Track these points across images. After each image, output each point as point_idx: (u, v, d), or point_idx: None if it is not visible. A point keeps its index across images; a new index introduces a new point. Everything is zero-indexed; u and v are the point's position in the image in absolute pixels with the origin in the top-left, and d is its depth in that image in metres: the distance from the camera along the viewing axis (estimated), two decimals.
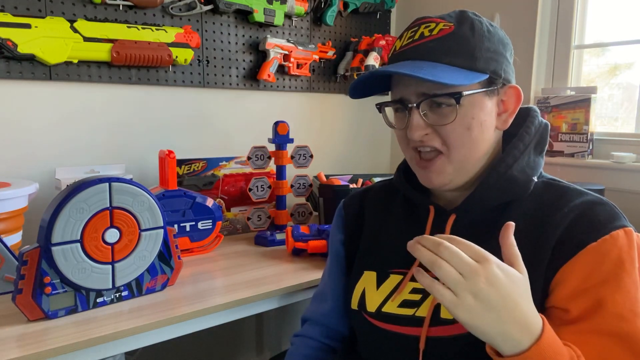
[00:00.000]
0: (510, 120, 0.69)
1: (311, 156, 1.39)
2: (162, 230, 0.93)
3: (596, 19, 1.56)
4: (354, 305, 0.76)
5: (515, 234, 0.59)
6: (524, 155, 0.68)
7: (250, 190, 1.33)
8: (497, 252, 0.59)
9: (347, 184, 1.41)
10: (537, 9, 1.58)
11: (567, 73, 1.60)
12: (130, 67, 1.35)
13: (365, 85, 0.72)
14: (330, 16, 1.71)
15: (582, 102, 1.49)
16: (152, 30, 1.33)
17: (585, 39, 1.59)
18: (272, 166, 1.36)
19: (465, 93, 0.64)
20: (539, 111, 0.74)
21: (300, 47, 1.64)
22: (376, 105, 0.76)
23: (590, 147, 1.50)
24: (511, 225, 0.56)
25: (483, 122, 0.66)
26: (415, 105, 0.66)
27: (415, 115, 0.66)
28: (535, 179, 0.68)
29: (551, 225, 0.63)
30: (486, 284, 0.51)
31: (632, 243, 0.61)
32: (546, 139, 0.72)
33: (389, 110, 0.74)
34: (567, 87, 1.58)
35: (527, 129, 0.70)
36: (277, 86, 1.67)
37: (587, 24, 1.58)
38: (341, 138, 1.89)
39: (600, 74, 1.60)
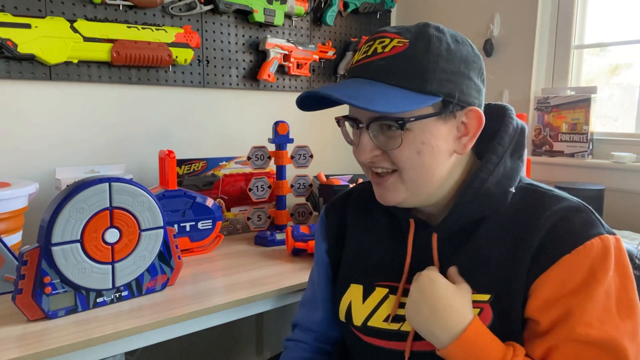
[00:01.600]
0: (470, 145, 0.65)
1: (311, 156, 1.39)
2: (162, 230, 0.93)
3: (596, 19, 1.57)
4: (342, 317, 0.76)
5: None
6: (498, 167, 0.66)
7: (250, 190, 1.33)
8: (474, 259, 0.66)
9: (347, 184, 1.41)
10: (537, 9, 1.58)
11: (567, 73, 1.60)
12: (130, 67, 1.35)
13: (314, 100, 0.67)
14: (330, 16, 1.71)
15: (582, 102, 1.49)
16: (152, 30, 1.33)
17: (585, 39, 1.59)
18: (272, 166, 1.36)
19: (411, 119, 0.61)
20: (514, 113, 0.71)
21: (300, 47, 1.64)
22: (335, 119, 0.73)
23: (590, 147, 1.50)
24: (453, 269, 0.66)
25: (435, 147, 0.63)
26: (365, 126, 0.64)
27: (365, 136, 0.64)
28: (512, 189, 0.66)
29: (529, 234, 0.63)
30: (415, 290, 0.64)
31: (608, 251, 0.60)
32: (523, 144, 0.70)
33: (349, 126, 0.71)
34: (567, 87, 1.58)
35: (500, 139, 0.67)
36: (277, 86, 1.67)
37: (587, 24, 1.58)
38: (341, 138, 1.88)
39: (600, 74, 1.60)
